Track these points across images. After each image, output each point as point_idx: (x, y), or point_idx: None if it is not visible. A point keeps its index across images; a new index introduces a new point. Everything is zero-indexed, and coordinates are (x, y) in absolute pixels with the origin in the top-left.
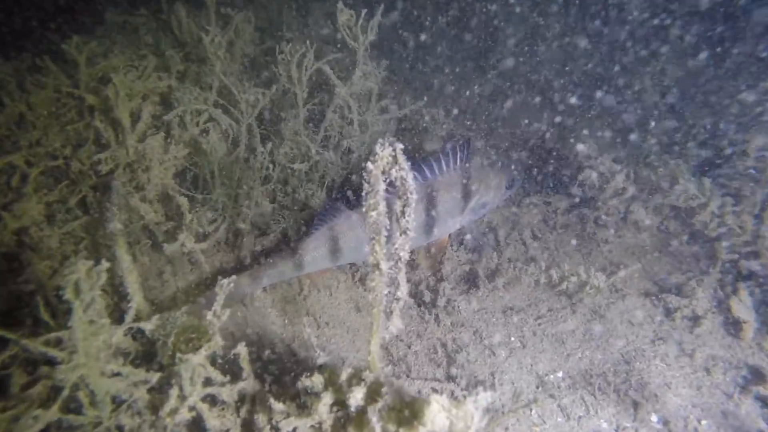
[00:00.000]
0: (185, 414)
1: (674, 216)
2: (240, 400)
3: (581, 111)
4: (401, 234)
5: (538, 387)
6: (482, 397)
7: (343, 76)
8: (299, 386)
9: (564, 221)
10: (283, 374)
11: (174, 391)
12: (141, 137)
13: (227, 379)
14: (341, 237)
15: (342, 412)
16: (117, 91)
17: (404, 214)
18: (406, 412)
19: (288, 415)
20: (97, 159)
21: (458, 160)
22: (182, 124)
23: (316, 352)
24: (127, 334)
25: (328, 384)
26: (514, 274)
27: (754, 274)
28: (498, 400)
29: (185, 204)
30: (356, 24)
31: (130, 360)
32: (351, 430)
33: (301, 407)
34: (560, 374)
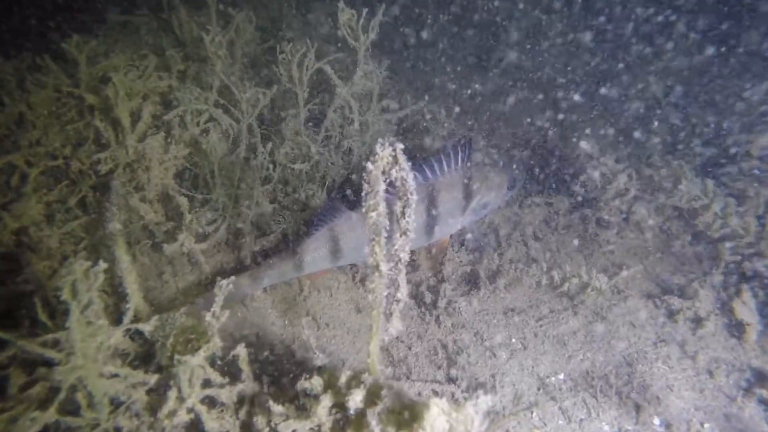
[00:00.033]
0: (184, 416)
1: (677, 217)
2: (239, 402)
3: (584, 109)
4: (401, 235)
5: (540, 389)
6: (482, 401)
7: (344, 76)
8: (298, 388)
9: (566, 222)
10: (283, 376)
11: (172, 393)
12: (141, 137)
13: (226, 381)
14: (342, 237)
15: (341, 415)
16: (117, 91)
17: (404, 215)
18: (406, 415)
19: (287, 418)
20: (97, 159)
21: (459, 160)
22: (182, 124)
23: (315, 354)
24: (126, 336)
25: (328, 386)
26: (516, 275)
27: (758, 276)
28: (499, 403)
29: (185, 204)
30: (357, 23)
31: (129, 361)
32: None
33: (300, 409)
34: (561, 376)
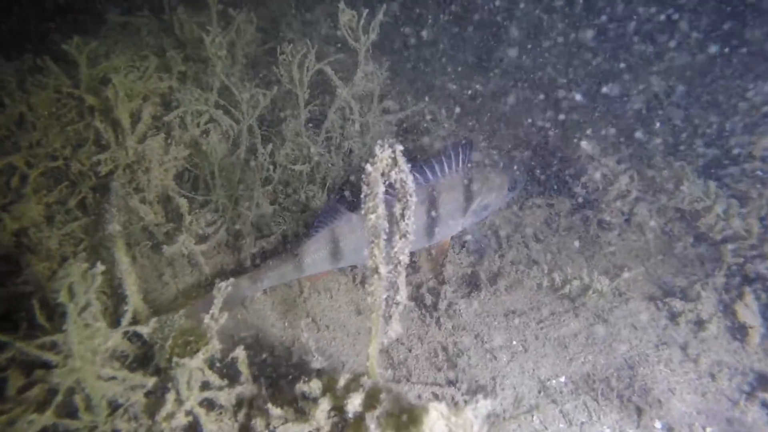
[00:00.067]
0: (182, 418)
1: (679, 218)
2: (238, 405)
3: (585, 110)
4: (401, 237)
5: (540, 392)
6: (482, 405)
7: (345, 77)
8: (297, 391)
9: (567, 223)
10: (282, 378)
11: (171, 396)
12: (141, 138)
13: (225, 383)
14: (342, 239)
15: (340, 418)
16: (117, 92)
17: (404, 217)
18: (405, 419)
19: (285, 421)
20: (97, 160)
21: (460, 162)
22: (183, 125)
23: (314, 357)
24: (125, 337)
25: (326, 389)
26: (516, 277)
27: (761, 278)
28: (499, 405)
29: (185, 205)
30: (358, 24)
31: (128, 363)
32: None
33: (299, 412)
34: (563, 379)
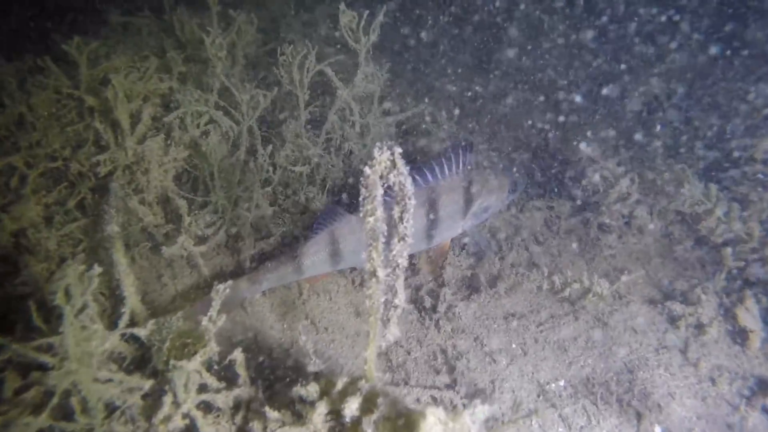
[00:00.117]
0: (179, 421)
1: (679, 221)
2: (235, 407)
3: (585, 112)
4: (399, 240)
5: (539, 396)
6: (479, 410)
7: (345, 78)
8: (294, 394)
9: (567, 226)
10: (280, 381)
11: (167, 398)
12: (141, 139)
13: (223, 386)
14: (341, 241)
15: (337, 422)
16: (116, 93)
17: (402, 220)
18: (402, 424)
19: (283, 424)
20: (96, 161)
21: (460, 164)
22: (183, 126)
23: (312, 360)
24: (122, 339)
25: (324, 393)
26: (516, 280)
27: (762, 282)
28: (498, 409)
29: (184, 207)
30: (358, 26)
31: (126, 364)
32: None
33: (297, 415)
34: (562, 383)
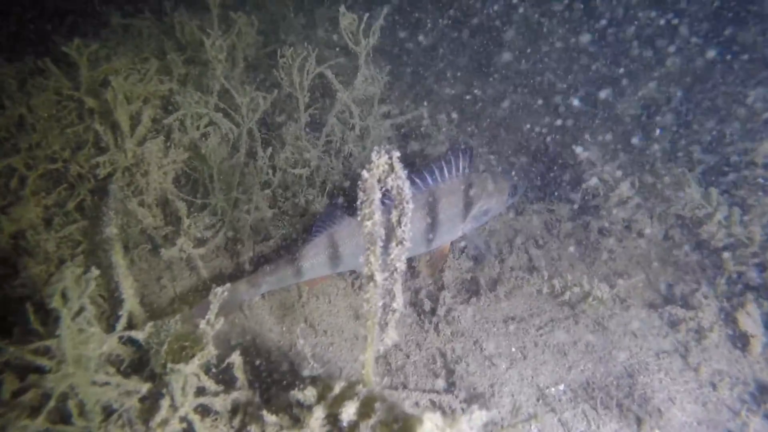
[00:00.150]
0: (176, 425)
1: (680, 225)
2: (233, 411)
3: (585, 115)
4: (397, 244)
5: (539, 400)
6: (477, 416)
7: (344, 81)
8: (291, 399)
9: (567, 230)
10: (279, 384)
11: (165, 402)
12: (140, 141)
13: (221, 389)
14: (341, 244)
15: (334, 427)
16: (115, 95)
17: (400, 224)
18: (399, 429)
19: (281, 428)
20: (95, 162)
21: (460, 167)
22: (182, 128)
23: (310, 364)
24: (121, 341)
25: (321, 397)
26: (516, 283)
27: (763, 286)
28: (498, 414)
29: (183, 209)
30: (358, 28)
31: (125, 367)
32: None
33: (294, 419)
34: (561, 387)
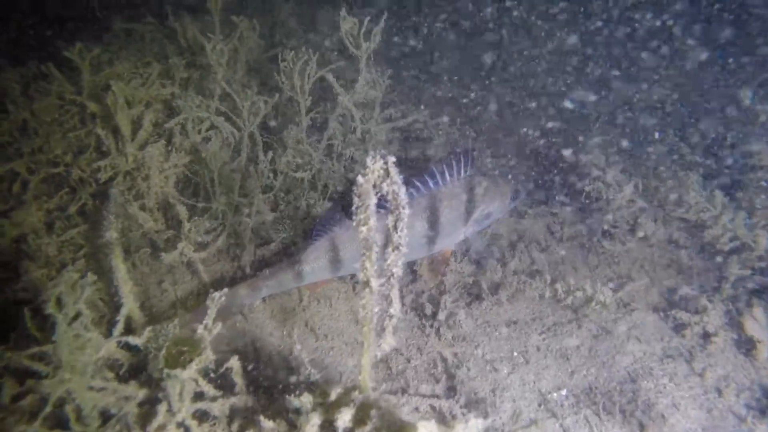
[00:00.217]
0: (173, 431)
1: (684, 228)
2: (231, 416)
3: (585, 118)
4: (393, 250)
5: (540, 405)
6: (473, 424)
7: (345, 84)
8: (288, 406)
9: (570, 233)
10: (277, 389)
11: (162, 407)
12: (141, 145)
13: (219, 394)
14: (342, 247)
15: None
16: (116, 99)
17: (397, 229)
18: None
19: None
20: (97, 167)
21: (462, 170)
22: (184, 132)
23: (307, 369)
24: (119, 346)
25: (318, 404)
26: (518, 287)
27: None
28: (499, 419)
29: (184, 213)
30: (359, 32)
31: (124, 371)
32: None
33: (291, 425)
34: (564, 392)
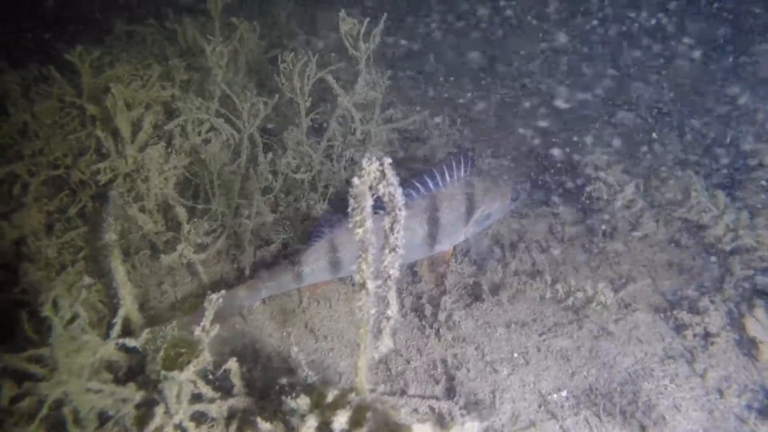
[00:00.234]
0: None
1: (686, 229)
2: (229, 417)
3: (585, 118)
4: (390, 251)
5: (540, 406)
6: (469, 427)
7: (344, 86)
8: (284, 408)
9: (571, 233)
10: (275, 390)
11: (159, 409)
12: (141, 147)
13: (217, 396)
14: (341, 248)
15: None
16: (115, 101)
17: (393, 231)
18: None
19: None
20: (97, 169)
21: (462, 171)
22: (183, 134)
23: (305, 371)
24: (117, 347)
25: (315, 405)
26: (519, 288)
27: None
28: (499, 420)
29: (183, 215)
30: (359, 33)
31: (122, 373)
32: None
33: (288, 427)
34: (564, 393)
